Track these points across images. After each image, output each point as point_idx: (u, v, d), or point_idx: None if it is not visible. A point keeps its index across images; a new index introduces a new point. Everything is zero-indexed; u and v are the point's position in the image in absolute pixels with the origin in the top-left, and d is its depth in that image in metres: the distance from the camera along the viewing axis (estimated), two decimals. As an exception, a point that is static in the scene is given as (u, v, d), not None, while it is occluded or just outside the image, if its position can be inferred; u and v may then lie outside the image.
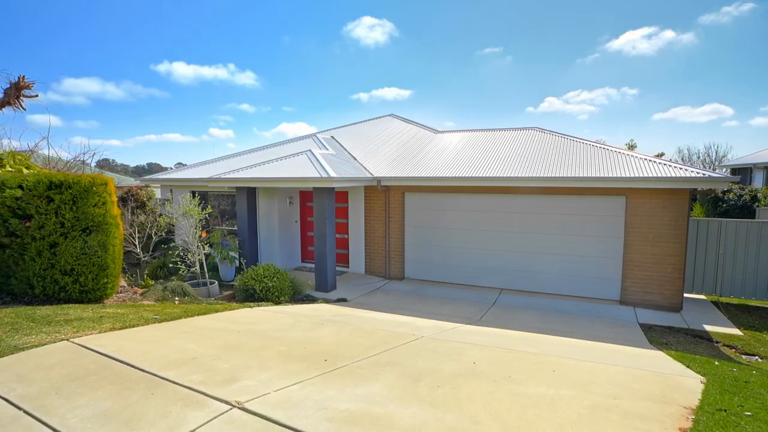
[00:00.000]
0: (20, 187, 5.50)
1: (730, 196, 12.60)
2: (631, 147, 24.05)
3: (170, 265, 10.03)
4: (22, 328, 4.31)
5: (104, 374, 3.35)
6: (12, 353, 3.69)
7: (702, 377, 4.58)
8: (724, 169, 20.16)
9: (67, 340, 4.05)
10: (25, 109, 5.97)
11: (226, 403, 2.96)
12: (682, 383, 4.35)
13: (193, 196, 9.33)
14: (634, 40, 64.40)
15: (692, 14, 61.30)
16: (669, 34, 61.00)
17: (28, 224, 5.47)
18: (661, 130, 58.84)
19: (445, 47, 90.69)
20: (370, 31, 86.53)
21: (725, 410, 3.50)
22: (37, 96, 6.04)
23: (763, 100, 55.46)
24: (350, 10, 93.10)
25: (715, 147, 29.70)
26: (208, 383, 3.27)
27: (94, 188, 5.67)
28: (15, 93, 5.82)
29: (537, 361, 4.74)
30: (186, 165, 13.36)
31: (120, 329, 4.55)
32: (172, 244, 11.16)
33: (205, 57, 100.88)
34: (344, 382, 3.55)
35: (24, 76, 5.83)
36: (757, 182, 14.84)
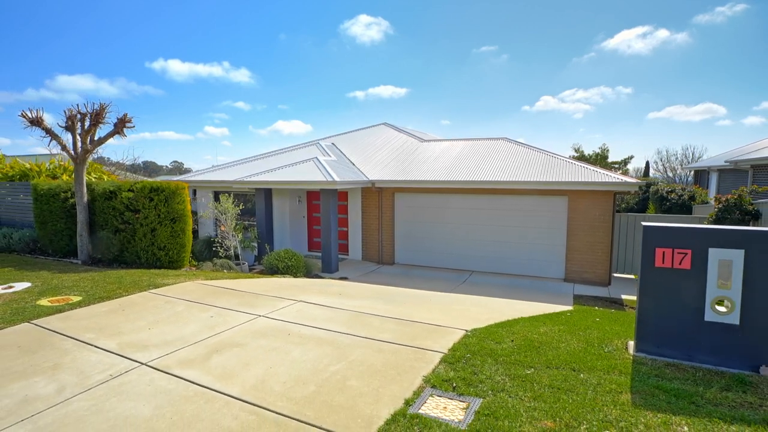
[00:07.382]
0: (131, 190, 9.10)
1: (673, 196, 16.25)
2: (604, 151, 28.01)
3: (196, 252, 13.65)
4: (155, 277, 7.92)
5: (225, 293, 6.98)
6: (164, 286, 7.30)
7: (574, 309, 8.19)
8: (691, 171, 23.98)
9: (189, 281, 7.66)
10: (125, 136, 9.59)
11: (296, 301, 6.61)
12: (559, 311, 7.95)
13: (216, 196, 12.89)
14: (629, 40, 68.53)
15: (686, 14, 65.77)
16: (663, 34, 65.31)
17: (137, 216, 9.07)
18: (656, 129, 63.09)
19: (441, 46, 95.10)
20: (367, 29, 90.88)
21: (562, 317, 7.12)
22: (134, 126, 9.65)
23: (756, 100, 59.93)
24: (347, 8, 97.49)
25: (692, 149, 34.12)
26: (282, 297, 6.90)
27: (178, 191, 9.27)
28: (121, 126, 9.45)
29: (472, 302, 8.37)
30: (183, 163, 16.98)
31: (212, 279, 8.17)
32: (200, 236, 14.74)
33: (200, 55, 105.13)
34: (351, 300, 7.19)
35: (126, 113, 9.46)
36: (712, 183, 18.48)
